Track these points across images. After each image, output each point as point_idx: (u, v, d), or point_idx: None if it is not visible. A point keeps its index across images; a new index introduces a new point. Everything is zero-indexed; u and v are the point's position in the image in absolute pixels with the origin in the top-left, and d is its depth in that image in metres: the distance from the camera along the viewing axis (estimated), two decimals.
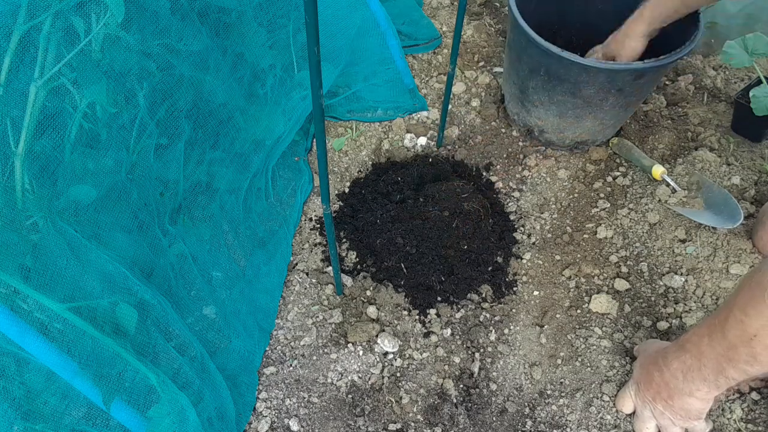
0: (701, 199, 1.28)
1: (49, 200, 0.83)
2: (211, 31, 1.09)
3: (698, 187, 1.31)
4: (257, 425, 1.05)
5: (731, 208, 1.22)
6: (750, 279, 0.78)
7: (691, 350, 0.89)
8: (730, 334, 0.80)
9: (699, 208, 1.27)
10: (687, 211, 1.26)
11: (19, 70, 0.78)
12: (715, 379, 0.87)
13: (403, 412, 1.08)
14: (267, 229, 1.28)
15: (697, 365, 0.88)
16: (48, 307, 0.78)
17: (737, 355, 0.80)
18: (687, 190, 1.31)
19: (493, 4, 1.81)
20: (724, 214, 1.22)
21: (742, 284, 0.80)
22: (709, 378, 0.87)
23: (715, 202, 1.25)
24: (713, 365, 0.85)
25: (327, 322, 1.18)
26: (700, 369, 0.88)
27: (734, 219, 1.19)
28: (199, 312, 1.10)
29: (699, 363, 0.88)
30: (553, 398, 1.09)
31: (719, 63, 1.61)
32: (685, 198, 1.29)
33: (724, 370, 0.84)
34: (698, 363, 0.88)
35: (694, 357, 0.89)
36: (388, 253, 1.24)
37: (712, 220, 1.22)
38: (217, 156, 1.20)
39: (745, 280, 0.80)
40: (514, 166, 1.44)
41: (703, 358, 0.87)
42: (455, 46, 1.18)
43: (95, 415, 0.85)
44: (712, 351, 0.85)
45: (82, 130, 0.89)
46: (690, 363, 0.89)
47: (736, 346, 0.80)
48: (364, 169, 1.44)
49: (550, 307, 1.21)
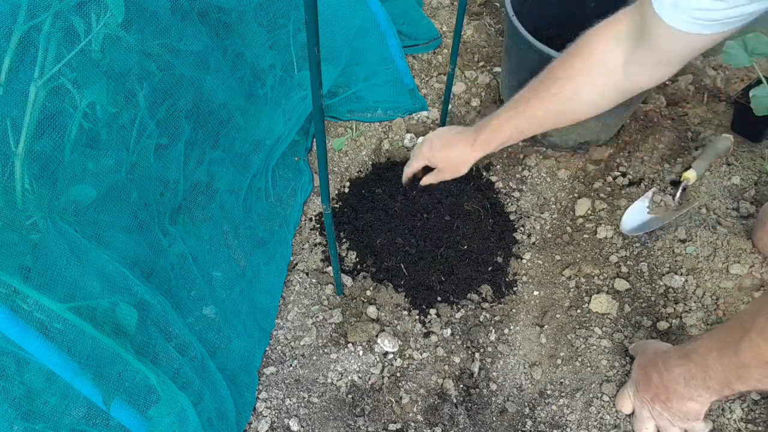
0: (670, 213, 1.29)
1: (49, 200, 0.83)
2: (211, 31, 1.09)
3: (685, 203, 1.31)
4: (257, 425, 1.06)
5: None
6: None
7: (697, 361, 0.88)
8: (744, 355, 0.78)
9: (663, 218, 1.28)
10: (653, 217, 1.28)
11: (19, 70, 0.78)
12: (720, 389, 0.86)
13: (403, 412, 1.08)
14: (267, 229, 1.28)
15: (702, 375, 0.87)
16: (48, 307, 0.78)
17: (749, 374, 0.79)
18: (679, 203, 1.31)
19: (493, 4, 1.81)
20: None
21: (759, 307, 0.77)
22: (713, 388, 0.86)
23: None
24: (720, 378, 0.84)
25: (327, 322, 1.18)
26: (704, 379, 0.87)
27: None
28: (199, 312, 1.10)
29: (704, 374, 0.86)
30: (553, 398, 1.09)
31: (719, 63, 1.61)
32: (667, 208, 1.30)
33: (732, 384, 0.83)
34: (703, 374, 0.87)
35: (699, 368, 0.87)
36: (388, 253, 1.24)
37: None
38: (217, 156, 1.20)
39: (763, 304, 0.77)
40: (514, 166, 1.44)
41: (709, 371, 0.85)
42: (455, 46, 1.18)
43: (95, 415, 0.85)
44: (720, 366, 0.83)
45: (82, 130, 0.88)
46: (694, 372, 0.88)
47: (749, 367, 0.78)
48: (364, 169, 1.44)
49: (550, 307, 1.21)
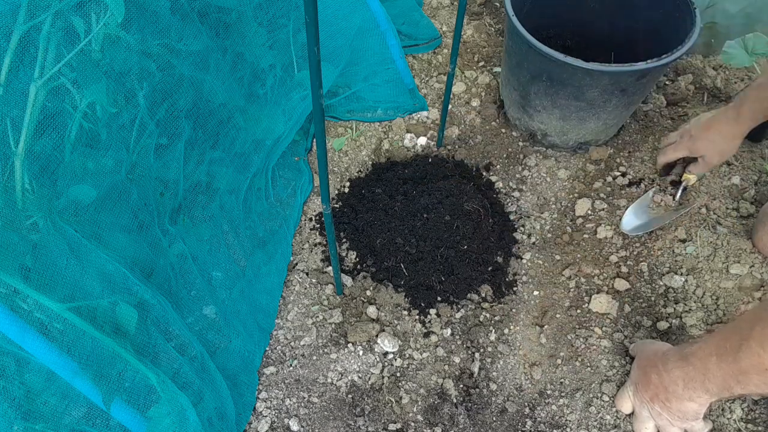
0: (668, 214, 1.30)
1: (49, 200, 0.83)
2: (211, 31, 1.09)
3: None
4: (257, 425, 1.06)
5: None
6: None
7: (696, 364, 0.88)
8: (744, 363, 0.78)
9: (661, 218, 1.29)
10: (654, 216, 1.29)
11: (19, 70, 0.78)
12: (719, 392, 0.86)
13: (403, 412, 1.08)
14: (267, 229, 1.28)
15: (701, 378, 0.87)
16: (48, 307, 0.78)
17: (748, 380, 0.79)
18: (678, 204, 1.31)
19: (493, 4, 1.81)
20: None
21: (759, 314, 0.77)
22: (712, 390, 0.87)
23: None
24: (719, 382, 0.84)
25: (327, 322, 1.18)
26: (703, 382, 0.87)
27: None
28: (199, 312, 1.10)
29: (703, 377, 0.87)
30: (553, 398, 1.09)
31: (719, 63, 1.61)
32: (667, 207, 1.31)
33: (731, 388, 0.83)
34: (702, 377, 0.87)
35: (698, 371, 0.87)
36: (388, 253, 1.24)
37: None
38: (217, 156, 1.20)
39: (761, 312, 0.77)
40: (514, 166, 1.44)
41: (708, 374, 0.86)
42: (455, 46, 1.18)
43: (95, 415, 0.85)
44: (719, 371, 0.83)
45: (82, 130, 0.89)
46: (693, 375, 0.88)
47: (749, 373, 0.79)
48: (364, 169, 1.44)
49: (550, 307, 1.21)
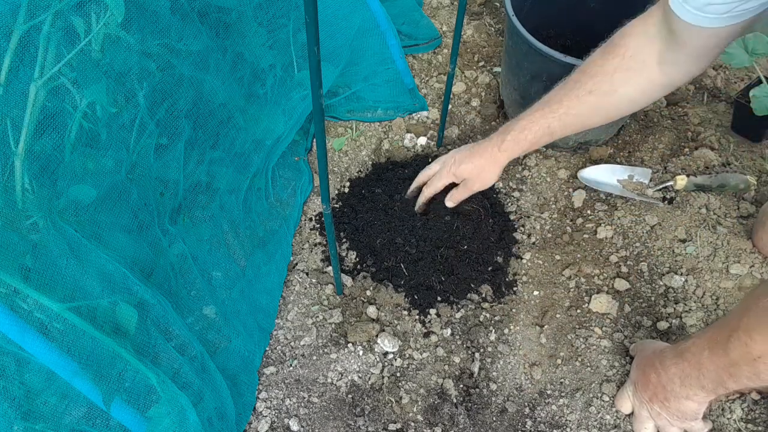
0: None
1: (49, 200, 0.83)
2: (211, 31, 1.09)
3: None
4: (257, 425, 1.06)
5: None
6: (756, 302, 0.76)
7: (690, 360, 0.88)
8: (733, 353, 0.79)
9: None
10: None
11: (19, 70, 0.78)
12: (714, 388, 0.86)
13: (403, 412, 1.08)
14: (267, 229, 1.28)
15: (696, 374, 0.88)
16: (48, 307, 0.78)
17: (739, 371, 0.80)
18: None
19: (493, 4, 1.81)
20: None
21: (747, 305, 0.78)
22: (708, 387, 0.87)
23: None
24: (713, 377, 0.85)
25: (327, 322, 1.18)
26: (698, 378, 0.87)
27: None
28: (199, 312, 1.10)
29: (698, 373, 0.87)
30: (553, 398, 1.09)
31: (719, 63, 1.60)
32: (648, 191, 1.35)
33: (725, 382, 0.83)
34: (697, 372, 0.87)
35: (692, 366, 0.88)
36: (388, 253, 1.24)
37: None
38: (217, 156, 1.20)
39: (750, 301, 0.78)
40: (514, 166, 1.44)
41: (702, 369, 0.86)
42: (455, 46, 1.18)
43: (95, 415, 0.85)
44: (712, 364, 0.84)
45: (82, 130, 0.89)
46: (688, 371, 0.89)
47: (739, 364, 0.79)
48: (364, 169, 1.44)
49: (550, 307, 1.21)
